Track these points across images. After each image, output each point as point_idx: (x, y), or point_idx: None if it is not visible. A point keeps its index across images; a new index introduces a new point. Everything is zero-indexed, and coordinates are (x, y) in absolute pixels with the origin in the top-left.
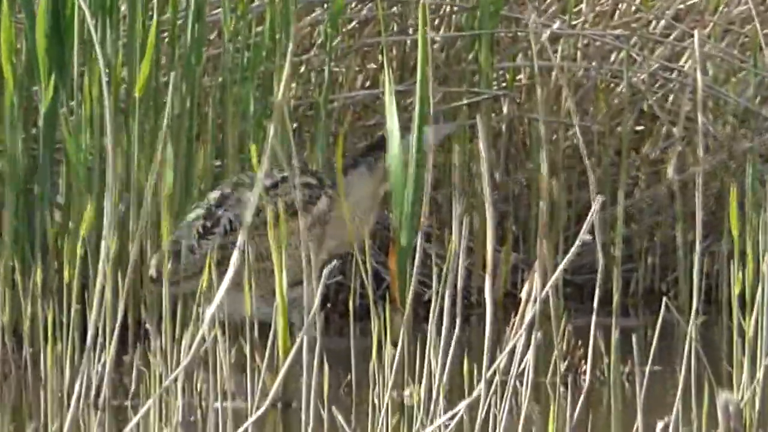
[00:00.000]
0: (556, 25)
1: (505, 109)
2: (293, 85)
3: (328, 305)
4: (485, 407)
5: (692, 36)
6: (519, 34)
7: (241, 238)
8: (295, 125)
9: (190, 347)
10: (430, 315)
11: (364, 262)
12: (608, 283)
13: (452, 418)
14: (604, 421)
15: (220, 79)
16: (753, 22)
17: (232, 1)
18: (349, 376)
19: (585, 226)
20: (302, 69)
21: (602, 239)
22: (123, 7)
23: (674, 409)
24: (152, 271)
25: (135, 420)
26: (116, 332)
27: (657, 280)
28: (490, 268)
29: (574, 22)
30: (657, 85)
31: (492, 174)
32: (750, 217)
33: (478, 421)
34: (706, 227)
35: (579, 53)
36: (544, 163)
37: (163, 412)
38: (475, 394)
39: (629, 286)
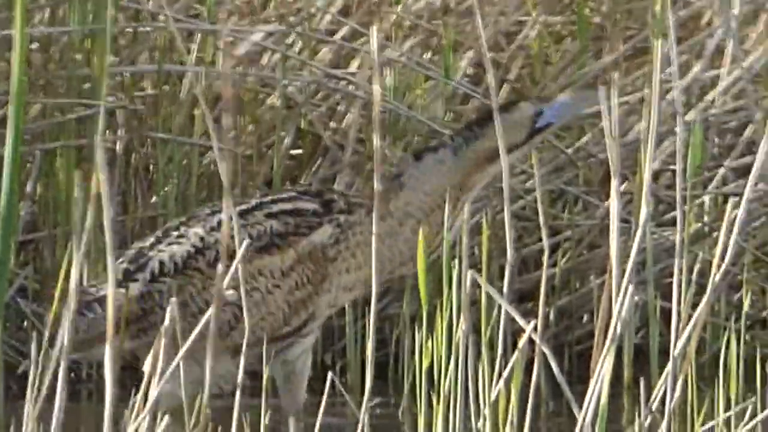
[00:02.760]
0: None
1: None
2: None
3: None
4: None
5: (365, 35)
6: (142, 30)
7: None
8: None
9: None
10: (28, 392)
11: None
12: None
13: None
14: None
15: None
16: (446, 15)
17: None
18: None
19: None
20: None
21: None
22: None
23: None
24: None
25: None
26: None
27: (320, 351)
28: None
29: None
30: (319, 96)
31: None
32: (445, 267)
33: None
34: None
35: (220, 55)
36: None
37: None
38: None
39: None
